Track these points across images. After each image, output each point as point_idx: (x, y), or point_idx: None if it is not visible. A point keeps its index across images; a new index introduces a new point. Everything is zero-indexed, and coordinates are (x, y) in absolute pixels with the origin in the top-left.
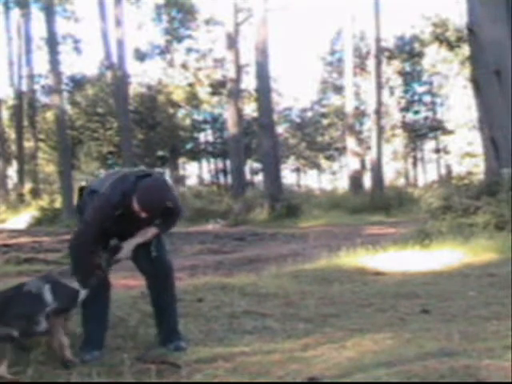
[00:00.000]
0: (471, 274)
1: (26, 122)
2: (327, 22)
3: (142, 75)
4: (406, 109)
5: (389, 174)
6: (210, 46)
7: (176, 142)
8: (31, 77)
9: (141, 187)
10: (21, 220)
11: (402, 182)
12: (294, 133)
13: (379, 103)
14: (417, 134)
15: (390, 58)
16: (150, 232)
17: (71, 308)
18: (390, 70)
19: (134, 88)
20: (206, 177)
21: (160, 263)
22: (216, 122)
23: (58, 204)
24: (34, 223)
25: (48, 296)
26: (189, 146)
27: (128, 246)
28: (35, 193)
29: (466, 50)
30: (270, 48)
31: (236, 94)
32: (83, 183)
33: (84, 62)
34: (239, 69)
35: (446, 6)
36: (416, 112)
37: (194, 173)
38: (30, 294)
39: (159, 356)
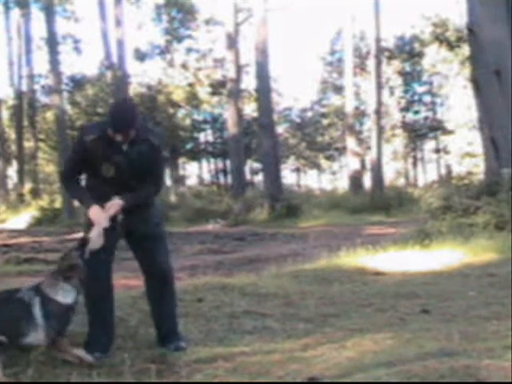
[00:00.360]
0: (471, 274)
1: (26, 122)
2: (327, 22)
3: (142, 75)
4: (406, 109)
5: (389, 174)
6: (210, 45)
7: (176, 142)
8: (31, 77)
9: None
10: (21, 220)
11: (402, 181)
12: (294, 133)
13: (379, 103)
14: (417, 134)
15: (390, 57)
16: (113, 206)
17: (66, 325)
18: (390, 69)
19: (134, 88)
20: (206, 177)
21: (159, 264)
22: (216, 122)
23: (58, 204)
24: (34, 223)
25: (37, 310)
26: (189, 146)
27: (94, 233)
28: (35, 193)
29: (466, 50)
30: (270, 48)
31: (236, 94)
32: None
33: (84, 62)
34: (239, 69)
35: (446, 5)
36: (416, 112)
37: (194, 173)
38: (20, 301)
39: (159, 356)
